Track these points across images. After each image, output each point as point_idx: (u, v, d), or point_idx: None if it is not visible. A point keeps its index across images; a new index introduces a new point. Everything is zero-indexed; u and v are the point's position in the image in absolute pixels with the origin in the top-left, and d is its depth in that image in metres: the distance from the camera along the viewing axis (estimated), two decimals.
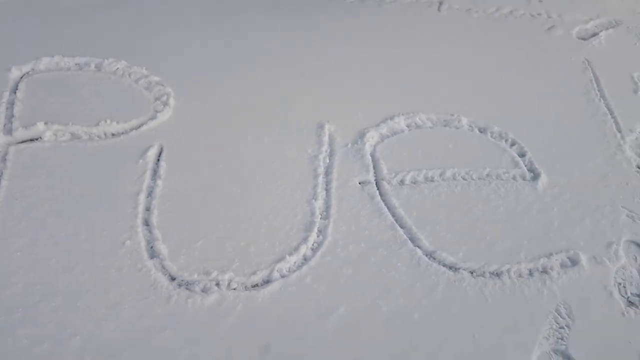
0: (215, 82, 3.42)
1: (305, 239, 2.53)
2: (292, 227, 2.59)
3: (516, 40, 4.15)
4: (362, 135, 3.13)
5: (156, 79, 3.35)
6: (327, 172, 2.91)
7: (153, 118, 3.10)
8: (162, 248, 2.43)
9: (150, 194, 2.69)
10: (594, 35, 4.27)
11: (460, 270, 2.50)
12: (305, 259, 2.47)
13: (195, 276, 2.34)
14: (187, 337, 2.11)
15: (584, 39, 4.24)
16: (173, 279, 2.34)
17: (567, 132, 3.32)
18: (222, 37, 3.90)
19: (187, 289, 2.30)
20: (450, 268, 2.52)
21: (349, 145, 3.08)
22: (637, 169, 3.13)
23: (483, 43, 4.11)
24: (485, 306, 2.36)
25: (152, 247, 2.45)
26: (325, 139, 3.10)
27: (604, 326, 2.33)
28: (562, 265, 2.57)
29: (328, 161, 2.98)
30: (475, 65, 3.83)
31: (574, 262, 2.58)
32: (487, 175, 2.99)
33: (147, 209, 2.61)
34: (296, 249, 2.49)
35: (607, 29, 4.36)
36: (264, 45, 3.84)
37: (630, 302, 2.47)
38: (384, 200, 2.80)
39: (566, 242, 2.68)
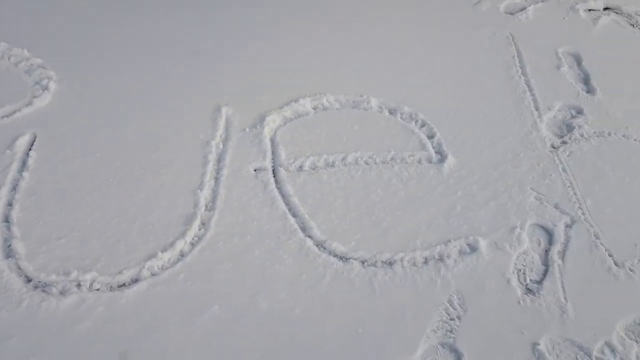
0: (102, 65, 3.21)
1: (183, 233, 2.38)
2: (170, 220, 2.43)
3: (439, 16, 4.04)
4: (262, 118, 2.98)
5: (38, 61, 3.11)
6: (220, 159, 2.75)
7: (29, 104, 2.87)
8: (19, 247, 2.24)
9: (14, 188, 2.48)
10: (522, 9, 4.17)
11: (351, 260, 2.39)
12: (182, 255, 2.32)
13: (54, 277, 2.16)
14: (34, 345, 1.94)
15: (511, 13, 4.15)
16: (29, 280, 2.16)
17: (481, 111, 3.23)
18: (113, 18, 3.66)
19: (43, 291, 2.13)
20: (341, 258, 2.41)
21: (247, 129, 2.92)
22: (552, 149, 3.06)
23: (402, 20, 3.98)
24: (373, 298, 2.26)
25: (9, 246, 2.26)
26: (222, 123, 2.93)
27: (497, 316, 2.26)
28: (461, 252, 2.49)
29: (222, 147, 2.82)
30: (391, 44, 3.70)
31: (473, 248, 2.50)
32: (392, 158, 2.88)
33: (9, 204, 2.41)
34: (172, 244, 2.33)
35: (536, 3, 4.27)
36: (158, 26, 3.62)
37: (528, 289, 2.40)
38: (278, 188, 2.66)
39: (467, 227, 2.59)
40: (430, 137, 3.04)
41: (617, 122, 3.26)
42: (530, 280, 2.44)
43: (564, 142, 3.12)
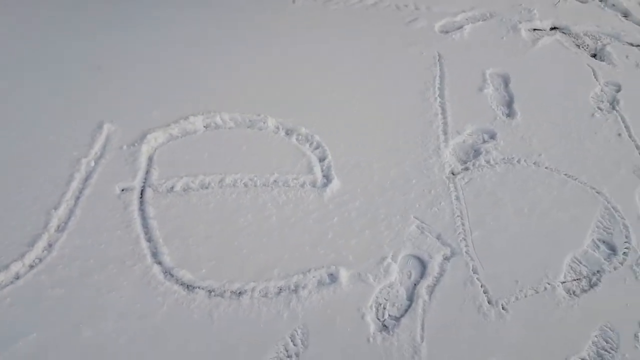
0: None
1: (22, 255, 2.36)
2: (14, 240, 2.42)
3: (369, 34, 4.01)
4: (143, 136, 2.97)
5: None
6: (87, 178, 2.75)
7: None
8: None
9: None
10: (460, 28, 4.10)
11: (196, 290, 2.34)
12: (17, 278, 2.30)
13: None
14: None
15: (446, 32, 4.08)
16: None
17: (383, 134, 3.16)
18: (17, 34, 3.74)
19: None
20: (187, 287, 2.35)
21: (124, 147, 2.92)
22: (451, 175, 2.96)
23: (330, 38, 3.95)
24: (208, 331, 2.19)
25: None
26: (100, 140, 2.94)
27: (339, 355, 2.16)
28: (319, 283, 2.41)
29: (93, 165, 2.81)
30: (304, 62, 3.66)
31: (333, 279, 2.42)
32: (274, 181, 2.83)
33: None
34: (7, 266, 2.31)
35: (475, 21, 4.20)
36: (57, 42, 3.67)
37: (384, 325, 2.30)
38: (140, 210, 2.63)
39: (334, 256, 2.51)
40: (322, 159, 2.98)
41: (530, 148, 3.15)
42: (389, 316, 2.34)
43: (466, 169, 3.02)
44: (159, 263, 2.43)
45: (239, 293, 2.35)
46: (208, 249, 2.50)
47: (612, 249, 2.69)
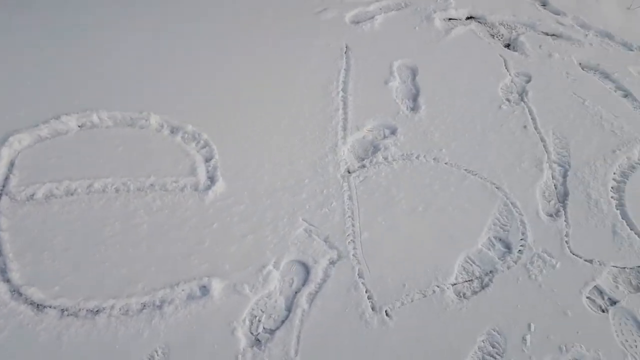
0: None
1: None
2: None
3: (273, 25, 3.85)
4: (4, 138, 2.72)
5: None
6: None
7: None
8: None
9: None
10: (371, 18, 4.01)
11: (47, 309, 2.14)
12: None
13: None
14: None
15: (357, 22, 3.98)
16: None
17: (276, 132, 3.02)
18: None
19: None
20: (37, 307, 2.15)
21: None
22: (347, 174, 2.85)
23: (227, 29, 3.77)
24: (55, 356, 1.99)
25: None
26: None
27: None
28: (189, 297, 2.25)
29: None
30: (198, 55, 3.47)
31: (205, 292, 2.27)
32: (150, 185, 2.65)
33: None
34: None
35: (388, 11, 4.12)
36: None
37: (257, 340, 2.16)
38: None
39: (209, 265, 2.36)
40: (208, 160, 2.82)
41: (432, 143, 3.08)
42: (263, 329, 2.21)
43: (363, 166, 2.92)
44: (7, 281, 2.21)
45: (96, 311, 2.16)
46: (65, 263, 2.30)
47: (508, 247, 2.65)
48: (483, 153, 3.06)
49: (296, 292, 2.33)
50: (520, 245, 2.65)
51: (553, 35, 4.18)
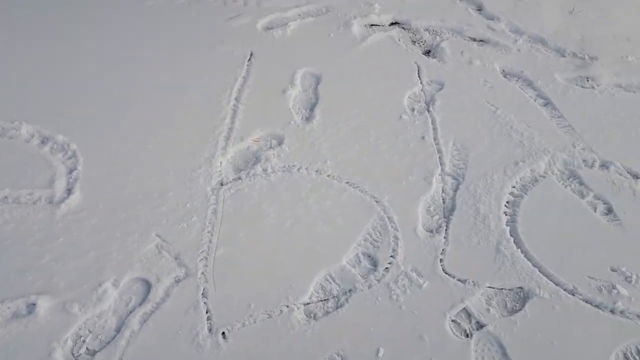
0: None
1: None
2: None
3: (178, 31, 3.84)
4: None
5: None
6: None
7: None
8: None
9: None
10: (284, 25, 3.99)
11: None
12: None
13: None
14: None
15: (270, 28, 3.96)
16: None
17: (154, 141, 3.00)
18: None
19: None
20: None
21: None
22: (219, 186, 2.81)
23: (123, 34, 3.76)
24: None
25: None
26: None
27: None
28: (14, 315, 2.24)
29: None
30: (83, 61, 3.47)
31: (31, 310, 2.24)
32: (4, 198, 2.64)
33: None
34: None
35: (305, 17, 4.09)
36: None
37: None
38: None
39: (42, 283, 2.37)
40: (71, 171, 2.79)
41: (318, 155, 3.04)
42: (86, 350, 2.17)
43: (238, 178, 2.87)
44: None
45: None
46: None
47: (375, 265, 2.58)
48: (369, 165, 3.00)
49: (130, 312, 2.29)
50: (388, 263, 2.58)
51: (481, 41, 4.12)
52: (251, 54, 3.70)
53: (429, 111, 3.41)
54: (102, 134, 3.00)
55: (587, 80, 3.82)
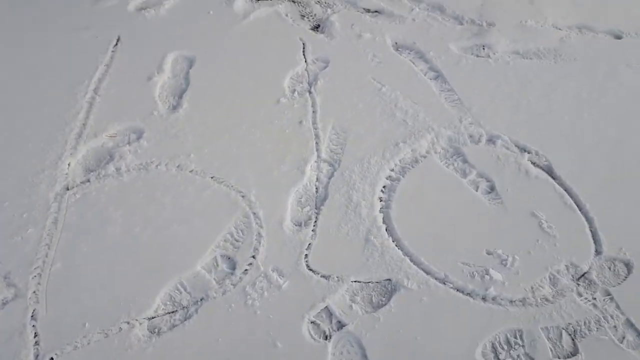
0: None
1: None
2: None
3: (38, 14, 3.52)
4: None
5: None
6: None
7: None
8: None
9: None
10: (158, 5, 3.69)
11: None
12: None
13: None
14: None
15: (144, 8, 3.66)
16: None
17: (8, 145, 2.74)
18: None
19: None
20: None
21: None
22: (64, 191, 2.57)
23: None
24: None
25: None
26: None
27: None
28: None
29: None
30: None
31: None
32: None
33: None
34: None
35: None
36: None
37: None
38: None
39: None
40: None
41: (181, 148, 2.85)
42: None
43: (87, 181, 2.63)
44: None
45: None
46: None
47: (233, 267, 2.41)
48: (239, 156, 2.81)
49: None
50: (248, 264, 2.42)
51: (375, 12, 3.93)
52: (118, 39, 3.41)
53: (310, 93, 3.22)
54: None
55: (483, 49, 3.69)
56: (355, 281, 2.41)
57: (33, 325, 2.13)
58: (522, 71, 3.47)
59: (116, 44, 3.38)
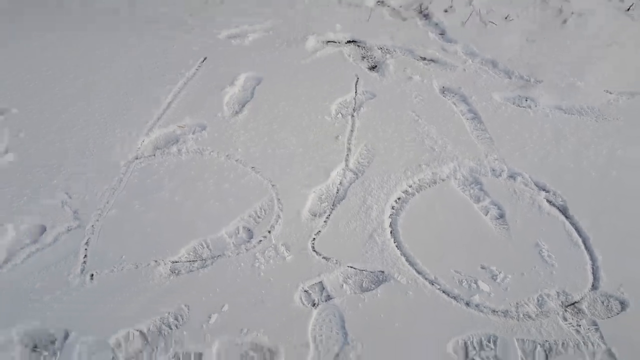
0: None
1: None
2: None
3: (157, 31, 4.34)
4: None
5: None
6: None
7: None
8: None
9: None
10: (245, 35, 4.40)
11: None
12: None
13: None
14: None
15: (231, 37, 4.38)
16: None
17: (112, 115, 3.48)
18: None
19: None
20: None
21: None
22: (132, 160, 3.18)
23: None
24: None
25: None
26: None
27: None
28: None
29: None
30: None
31: None
32: None
33: None
34: None
35: (270, 31, 4.49)
36: None
37: None
38: None
39: None
40: None
41: (232, 143, 3.37)
42: None
43: (153, 155, 3.24)
44: None
45: None
46: None
47: (250, 237, 2.82)
48: (275, 156, 3.27)
49: (20, 249, 2.65)
50: (263, 237, 2.82)
51: (430, 60, 4.34)
52: (205, 58, 4.11)
53: (352, 116, 3.66)
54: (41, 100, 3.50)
55: (526, 100, 3.93)
56: (350, 266, 2.71)
57: (85, 249, 2.67)
58: (560, 125, 3.65)
59: (203, 61, 4.08)
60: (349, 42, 4.51)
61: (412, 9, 4.99)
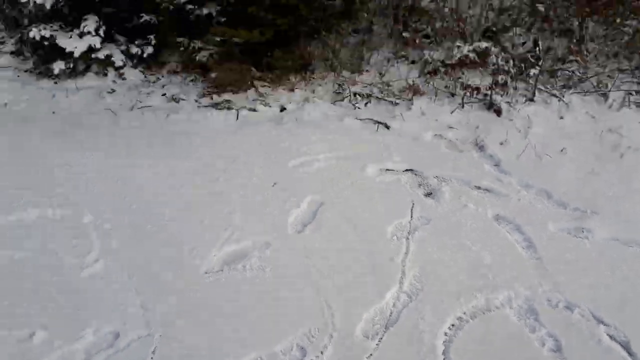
0: None
1: None
2: None
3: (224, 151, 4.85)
4: None
5: None
6: None
7: None
8: None
9: None
10: (314, 161, 4.81)
11: None
12: None
13: None
14: None
15: (300, 166, 4.80)
16: None
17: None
18: None
19: None
20: None
21: None
22: (202, 274, 3.46)
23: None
24: None
25: None
26: None
27: None
28: None
29: None
30: None
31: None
32: None
33: None
34: None
35: (333, 160, 4.87)
36: None
37: None
38: None
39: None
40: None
41: (303, 259, 3.57)
42: None
43: (220, 270, 3.51)
44: None
45: None
46: None
47: (304, 355, 2.92)
48: (329, 276, 3.45)
49: (97, 352, 2.89)
50: (316, 356, 2.91)
51: (485, 190, 4.51)
52: (275, 183, 4.50)
53: (407, 239, 3.82)
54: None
55: (582, 231, 3.95)
56: None
57: (151, 358, 2.86)
58: (617, 256, 3.65)
59: (273, 185, 4.48)
60: (406, 170, 4.81)
61: (469, 142, 5.28)
